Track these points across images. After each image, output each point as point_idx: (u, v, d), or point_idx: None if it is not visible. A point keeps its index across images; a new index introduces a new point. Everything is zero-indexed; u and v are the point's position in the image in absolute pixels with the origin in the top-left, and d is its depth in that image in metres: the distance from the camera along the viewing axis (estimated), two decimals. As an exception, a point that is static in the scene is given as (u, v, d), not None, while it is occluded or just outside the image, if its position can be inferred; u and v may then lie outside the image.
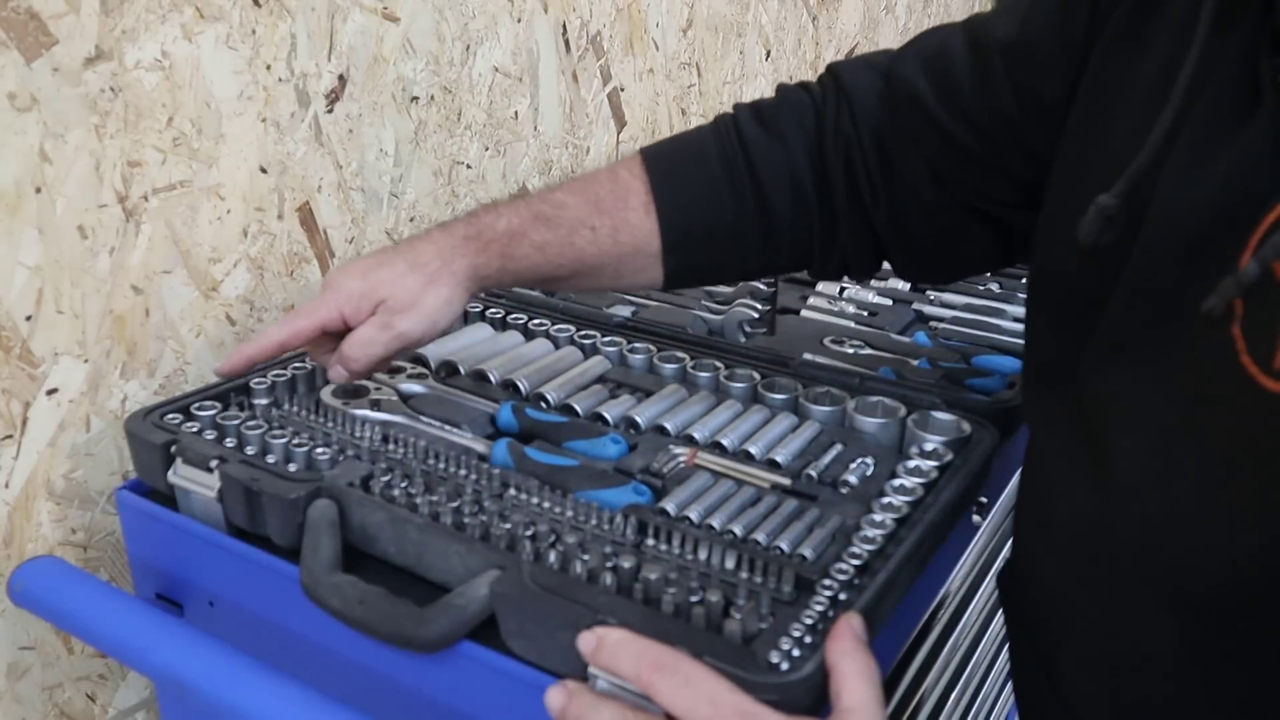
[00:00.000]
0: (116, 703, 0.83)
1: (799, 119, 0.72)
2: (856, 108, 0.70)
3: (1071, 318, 0.56)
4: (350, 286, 0.70)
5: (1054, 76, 0.60)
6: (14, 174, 0.68)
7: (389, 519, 0.62)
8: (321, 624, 0.59)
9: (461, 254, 0.70)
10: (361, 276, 0.70)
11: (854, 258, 0.74)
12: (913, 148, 0.69)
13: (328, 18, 0.88)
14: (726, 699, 0.46)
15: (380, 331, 0.69)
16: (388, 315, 0.69)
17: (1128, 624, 0.54)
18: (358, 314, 0.69)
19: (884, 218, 0.71)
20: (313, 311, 0.70)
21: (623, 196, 0.73)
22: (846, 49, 1.82)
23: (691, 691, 0.47)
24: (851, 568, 0.58)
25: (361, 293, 0.69)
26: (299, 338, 0.70)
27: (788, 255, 0.75)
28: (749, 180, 0.72)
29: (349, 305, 0.69)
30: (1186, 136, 0.49)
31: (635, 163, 0.74)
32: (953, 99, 0.66)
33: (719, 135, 0.74)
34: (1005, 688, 1.14)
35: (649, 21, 1.29)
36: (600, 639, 0.50)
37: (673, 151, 0.75)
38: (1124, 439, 0.51)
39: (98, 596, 0.67)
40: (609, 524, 0.61)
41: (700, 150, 0.74)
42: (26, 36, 0.67)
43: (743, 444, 0.72)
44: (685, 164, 0.74)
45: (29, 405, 0.72)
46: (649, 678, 0.47)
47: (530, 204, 0.73)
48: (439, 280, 0.69)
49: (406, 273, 0.69)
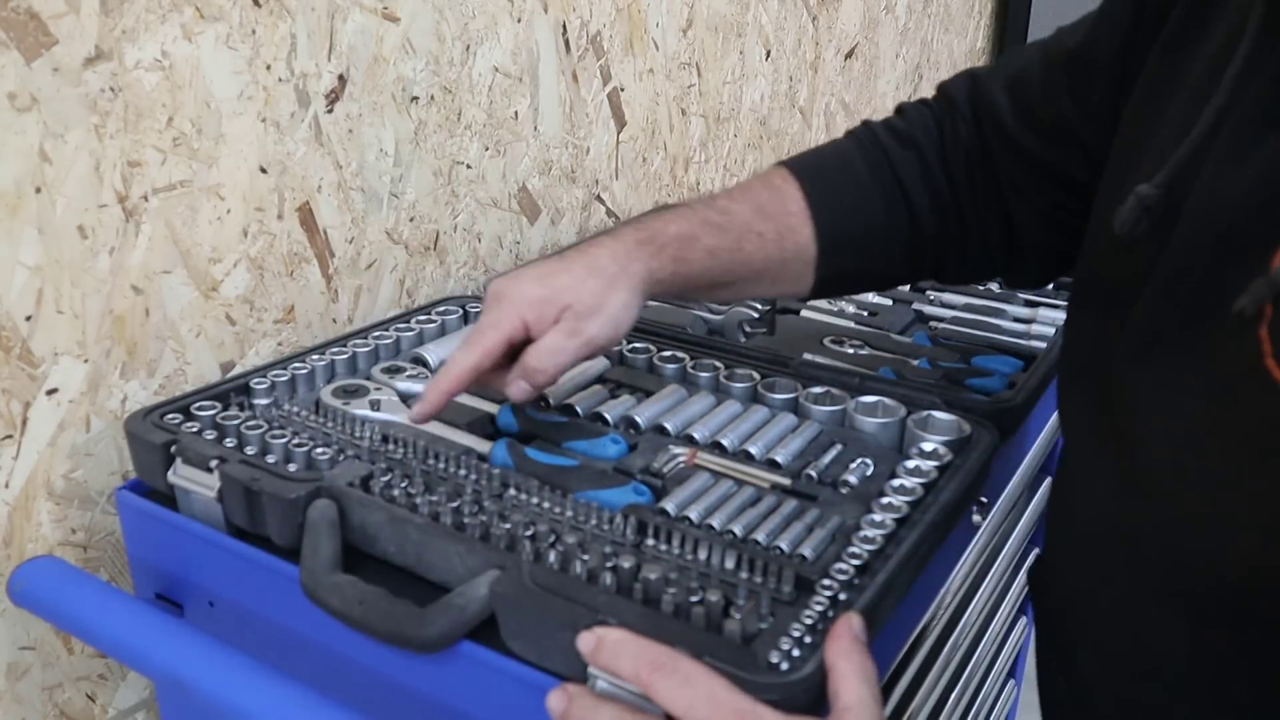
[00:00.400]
0: (116, 703, 0.83)
1: (925, 130, 0.74)
2: (962, 120, 0.73)
3: (1107, 313, 0.56)
4: (529, 293, 0.66)
5: (1113, 80, 0.62)
6: (14, 174, 0.68)
7: (389, 519, 0.62)
8: (321, 624, 0.59)
9: (636, 258, 0.68)
10: (539, 283, 0.67)
11: (978, 262, 0.77)
12: (993, 161, 0.72)
13: (328, 18, 0.88)
14: (725, 698, 0.46)
15: (569, 338, 0.66)
16: (575, 321, 0.66)
17: (1142, 628, 0.54)
18: (541, 321, 0.66)
19: (995, 223, 0.74)
20: (496, 324, 0.66)
21: (782, 202, 0.73)
22: (846, 49, 1.82)
23: (690, 691, 0.47)
24: (851, 568, 0.58)
25: (543, 299, 0.66)
26: (490, 355, 0.66)
27: (930, 261, 0.77)
28: (896, 187, 0.74)
29: (531, 313, 0.66)
30: (1228, 133, 0.49)
31: (781, 171, 0.75)
32: (1026, 112, 0.69)
33: (861, 145, 0.75)
34: (1005, 687, 1.14)
35: (649, 21, 1.29)
36: (599, 639, 0.50)
37: (818, 161, 0.76)
38: (1149, 437, 0.51)
39: (98, 596, 0.67)
40: (609, 524, 0.61)
41: (845, 159, 0.75)
42: (26, 36, 0.67)
43: (743, 444, 0.72)
44: (834, 172, 0.75)
45: (29, 405, 0.72)
46: (648, 677, 0.47)
47: (696, 210, 0.72)
48: (618, 284, 0.67)
49: (586, 277, 0.66)
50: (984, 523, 0.81)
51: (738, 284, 0.73)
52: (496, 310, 0.67)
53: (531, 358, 0.66)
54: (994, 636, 0.99)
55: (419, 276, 1.03)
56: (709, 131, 1.48)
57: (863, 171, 0.74)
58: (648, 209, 1.32)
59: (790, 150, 1.71)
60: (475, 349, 0.66)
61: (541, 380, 0.67)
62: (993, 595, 0.93)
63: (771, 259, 0.72)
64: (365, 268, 0.97)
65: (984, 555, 0.86)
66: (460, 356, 0.66)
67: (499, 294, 0.67)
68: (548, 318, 0.66)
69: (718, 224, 0.71)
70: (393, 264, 1.00)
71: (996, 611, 0.99)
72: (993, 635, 0.99)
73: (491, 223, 1.11)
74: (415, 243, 1.02)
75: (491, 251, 1.12)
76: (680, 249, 0.70)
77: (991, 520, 0.85)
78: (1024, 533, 1.01)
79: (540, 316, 0.66)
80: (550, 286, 0.66)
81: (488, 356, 0.66)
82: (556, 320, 0.66)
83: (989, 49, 2.50)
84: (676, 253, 0.70)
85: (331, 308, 0.94)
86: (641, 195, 1.35)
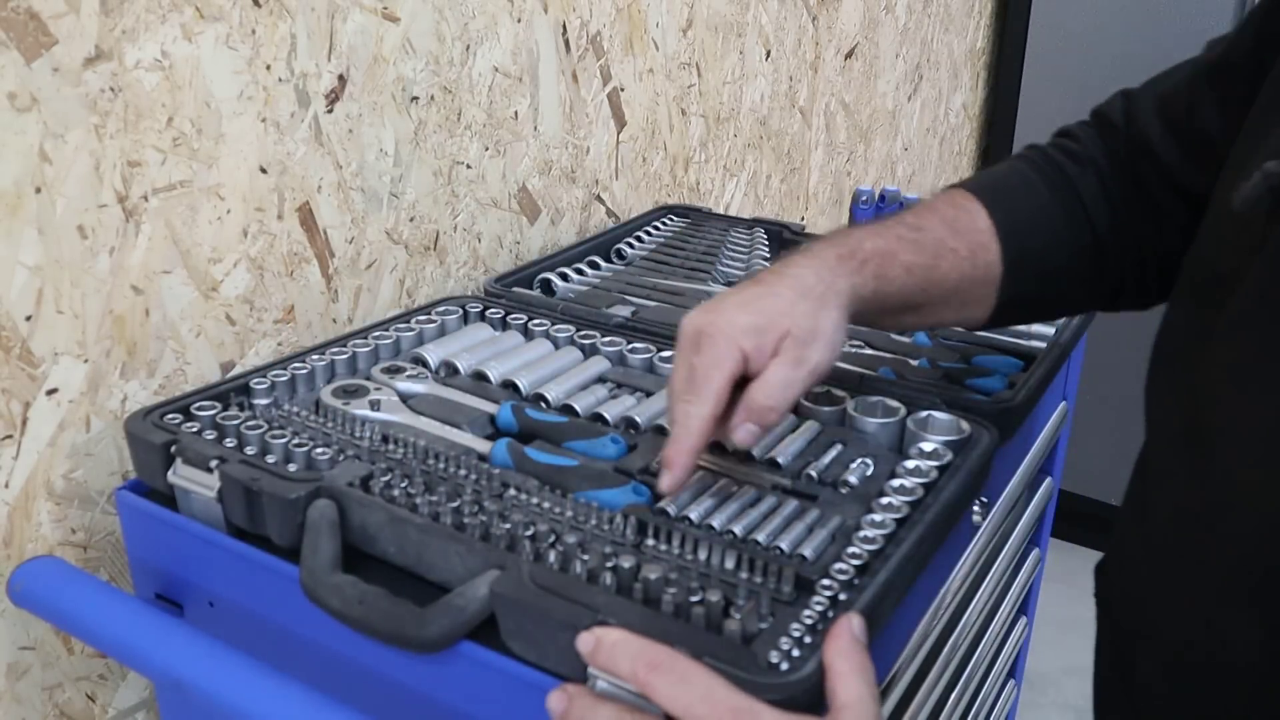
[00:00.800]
0: (116, 703, 0.83)
1: (1097, 150, 0.73)
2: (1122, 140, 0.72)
3: (1208, 299, 0.55)
4: (741, 322, 0.61)
5: (1249, 79, 0.60)
6: (14, 174, 0.68)
7: (389, 519, 0.62)
8: (321, 624, 0.59)
9: (840, 274, 0.65)
10: (747, 310, 0.62)
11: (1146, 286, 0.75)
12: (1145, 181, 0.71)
13: (328, 18, 0.88)
14: (723, 696, 0.46)
15: (795, 369, 0.60)
16: (798, 349, 0.61)
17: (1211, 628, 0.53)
18: (760, 352, 0.61)
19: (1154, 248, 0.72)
20: (717, 363, 0.60)
21: (971, 218, 0.71)
22: (846, 49, 1.82)
23: (688, 690, 0.47)
24: (851, 568, 0.58)
25: (758, 327, 0.61)
26: (722, 401, 0.60)
27: (1107, 284, 0.75)
28: (1077, 204, 0.72)
29: (749, 342, 0.60)
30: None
31: (960, 191, 0.73)
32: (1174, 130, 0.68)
33: (1036, 165, 0.74)
34: (1005, 687, 1.14)
35: (649, 21, 1.29)
36: (598, 639, 0.50)
37: (996, 180, 0.74)
38: (1235, 427, 0.50)
39: (98, 596, 0.67)
40: (609, 524, 0.61)
41: (1024, 178, 0.73)
42: (26, 36, 0.67)
43: (743, 444, 0.72)
44: (1015, 190, 0.73)
45: (29, 405, 0.72)
46: (645, 677, 0.47)
47: (889, 226, 0.69)
48: (828, 303, 0.63)
49: (797, 300, 0.62)
50: (984, 523, 0.81)
51: (928, 307, 0.70)
52: (711, 349, 0.60)
53: (760, 395, 0.60)
54: (994, 636, 0.99)
55: (419, 276, 1.03)
56: (709, 131, 1.48)
57: (1042, 190, 0.72)
58: (648, 209, 1.32)
59: (790, 150, 1.71)
60: (706, 398, 0.59)
61: (773, 420, 0.61)
62: (993, 595, 0.93)
63: (965, 277, 0.69)
64: (365, 268, 0.97)
65: (984, 555, 0.86)
66: (693, 410, 0.60)
67: (704, 330, 0.61)
68: (767, 348, 0.61)
69: (913, 240, 0.68)
70: (393, 264, 1.00)
71: (996, 611, 0.99)
72: (993, 635, 0.99)
73: (491, 223, 1.11)
74: (415, 243, 1.02)
75: (491, 251, 1.12)
76: (881, 265, 0.66)
77: (991, 520, 0.85)
78: (1024, 533, 1.01)
79: (759, 347, 0.60)
80: (763, 313, 0.61)
81: (720, 403, 0.60)
82: (776, 350, 0.61)
83: (989, 49, 2.50)
84: (877, 269, 0.66)
85: (331, 308, 0.94)
86: (641, 195, 1.35)
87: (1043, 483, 1.07)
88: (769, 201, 1.69)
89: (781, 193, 1.72)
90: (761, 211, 1.67)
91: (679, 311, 0.99)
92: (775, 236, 1.19)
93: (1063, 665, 2.14)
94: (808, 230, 1.21)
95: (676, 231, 1.22)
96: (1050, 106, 2.35)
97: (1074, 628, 2.24)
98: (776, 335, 0.61)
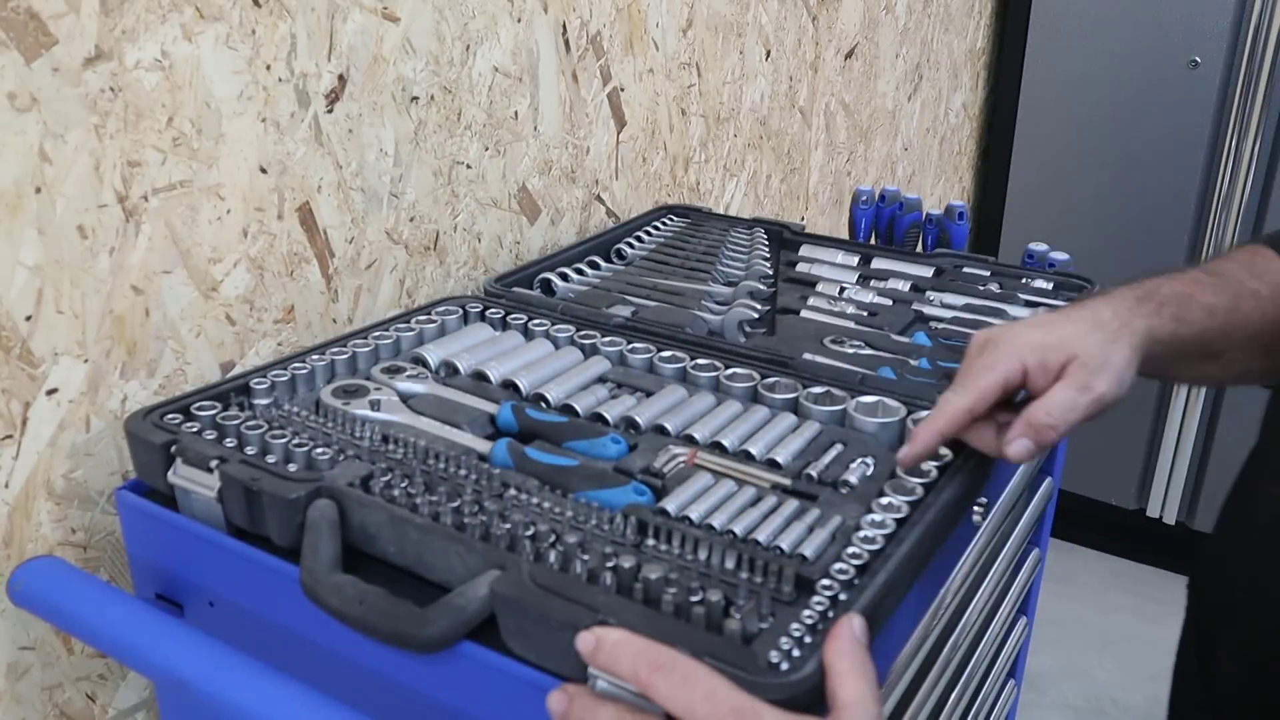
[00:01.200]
0: (116, 703, 0.83)
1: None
2: None
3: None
4: (1030, 338, 0.63)
5: None
6: (14, 174, 0.68)
7: (389, 519, 0.62)
8: (321, 624, 0.59)
9: (1138, 315, 0.66)
10: (1041, 329, 0.64)
11: None
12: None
13: (328, 18, 0.88)
14: (724, 696, 0.46)
15: (1081, 394, 0.62)
16: (1085, 375, 0.62)
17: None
18: (1043, 371, 0.63)
19: None
20: (993, 366, 0.63)
21: (1266, 263, 0.70)
22: (846, 49, 1.82)
23: (689, 689, 0.47)
24: (851, 567, 0.58)
25: (1047, 345, 0.63)
26: (985, 400, 0.63)
27: None
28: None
29: (1033, 358, 0.62)
30: None
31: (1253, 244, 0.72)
32: None
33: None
34: (1005, 687, 1.14)
35: (649, 21, 1.29)
36: (599, 639, 0.50)
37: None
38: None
39: (98, 596, 0.67)
40: (609, 524, 0.61)
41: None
42: (26, 36, 0.67)
43: (743, 444, 0.72)
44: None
45: (29, 405, 0.72)
46: (647, 677, 0.47)
47: (1185, 270, 0.70)
48: (1121, 339, 0.64)
49: (1091, 329, 0.64)
50: (984, 523, 0.81)
51: (1230, 352, 0.70)
52: (992, 353, 0.63)
53: (1041, 413, 0.61)
54: (994, 636, 0.99)
55: (419, 276, 1.03)
56: (709, 131, 1.48)
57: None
58: (648, 209, 1.32)
59: (790, 150, 1.71)
60: (970, 390, 0.62)
61: (1051, 439, 0.62)
62: (992, 595, 0.93)
63: (1269, 320, 0.69)
64: (365, 268, 0.97)
65: (984, 555, 0.86)
66: (954, 398, 0.63)
67: (992, 338, 0.64)
68: (1051, 367, 0.62)
69: (1211, 282, 0.68)
70: (393, 264, 1.00)
71: (996, 611, 0.99)
72: (993, 635, 0.99)
73: (491, 223, 1.11)
74: (415, 243, 1.02)
75: (491, 251, 1.12)
76: (1179, 308, 0.67)
77: (991, 520, 0.85)
78: (1024, 533, 1.01)
79: (1043, 364, 0.62)
80: (1053, 334, 0.63)
81: (983, 401, 0.62)
82: (1060, 372, 0.62)
83: (989, 49, 2.50)
84: (1176, 312, 0.67)
85: (331, 308, 0.94)
86: (641, 195, 1.35)
87: (1043, 483, 1.07)
88: (769, 201, 1.69)
89: (781, 193, 1.72)
90: (761, 211, 1.67)
91: (679, 312, 0.99)
92: (775, 236, 1.19)
93: (1063, 665, 2.14)
94: (808, 230, 1.21)
95: (676, 231, 1.22)
96: (1050, 106, 2.35)
97: (1074, 628, 2.25)
98: (1063, 357, 0.62)
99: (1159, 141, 2.23)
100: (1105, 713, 2.05)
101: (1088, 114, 2.31)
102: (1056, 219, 2.39)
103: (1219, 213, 2.17)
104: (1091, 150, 2.33)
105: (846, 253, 1.14)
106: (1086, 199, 2.36)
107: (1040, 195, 2.42)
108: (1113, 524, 2.44)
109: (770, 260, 1.11)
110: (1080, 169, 2.35)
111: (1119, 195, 2.31)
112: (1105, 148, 2.31)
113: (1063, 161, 2.37)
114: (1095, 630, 2.25)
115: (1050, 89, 2.35)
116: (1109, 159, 2.31)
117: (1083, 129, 2.33)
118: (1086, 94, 2.30)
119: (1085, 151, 2.34)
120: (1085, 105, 2.31)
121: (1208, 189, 2.20)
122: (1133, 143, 2.27)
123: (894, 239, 1.33)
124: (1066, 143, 2.35)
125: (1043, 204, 2.42)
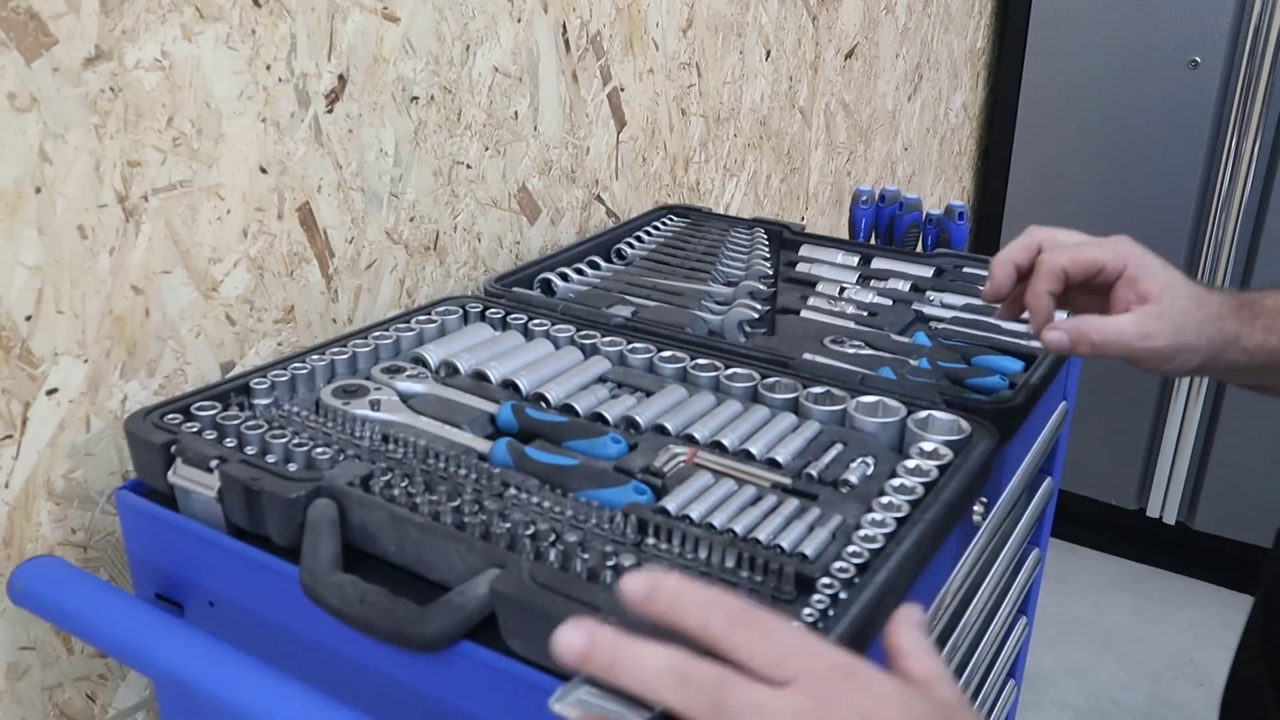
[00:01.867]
0: (116, 703, 0.83)
1: None
2: None
3: None
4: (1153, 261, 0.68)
5: None
6: (14, 174, 0.68)
7: (389, 518, 0.62)
8: (321, 624, 0.59)
9: (1234, 319, 0.70)
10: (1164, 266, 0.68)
11: None
12: None
13: (328, 18, 0.88)
14: (821, 652, 0.40)
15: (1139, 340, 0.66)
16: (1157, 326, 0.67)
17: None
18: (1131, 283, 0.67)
19: None
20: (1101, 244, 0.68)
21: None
22: (846, 49, 1.82)
23: (777, 645, 0.40)
24: (852, 567, 0.58)
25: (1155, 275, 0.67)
26: (1079, 265, 0.68)
27: None
28: None
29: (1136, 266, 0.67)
30: None
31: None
32: None
33: None
34: (1005, 687, 1.14)
35: (649, 21, 1.29)
36: (654, 583, 0.42)
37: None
38: None
39: (98, 596, 0.67)
40: (609, 523, 0.61)
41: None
42: (26, 36, 0.67)
43: (743, 443, 0.72)
44: None
45: (29, 405, 0.72)
46: (725, 632, 0.40)
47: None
48: (1206, 331, 0.68)
49: (1190, 299, 0.68)
50: (984, 522, 0.81)
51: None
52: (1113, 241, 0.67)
53: (1095, 329, 0.66)
54: (994, 636, 0.99)
55: (419, 276, 1.03)
56: (709, 131, 1.48)
57: None
58: (648, 209, 1.32)
59: (790, 150, 1.71)
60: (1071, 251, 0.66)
61: (1085, 353, 0.67)
62: (993, 595, 0.93)
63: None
64: (365, 268, 0.97)
65: (984, 555, 0.86)
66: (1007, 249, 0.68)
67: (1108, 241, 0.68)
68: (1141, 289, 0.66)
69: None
70: (393, 264, 1.00)
71: (996, 611, 0.99)
72: (993, 635, 0.99)
73: (491, 223, 1.11)
74: (415, 243, 1.02)
75: (491, 251, 1.12)
76: (1272, 320, 0.71)
77: (991, 520, 0.85)
78: (1024, 533, 1.01)
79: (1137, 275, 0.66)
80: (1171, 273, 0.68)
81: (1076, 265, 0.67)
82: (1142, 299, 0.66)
83: (989, 49, 2.50)
84: (1268, 324, 0.71)
85: (331, 308, 0.94)
86: (641, 195, 1.35)
87: (1043, 483, 1.07)
88: (769, 201, 1.69)
89: (781, 193, 1.72)
90: (761, 211, 1.67)
91: (679, 312, 0.99)
92: (775, 236, 1.19)
93: (1063, 665, 2.14)
94: (808, 230, 1.21)
95: (676, 231, 1.22)
96: (1050, 106, 2.35)
97: (1074, 628, 2.25)
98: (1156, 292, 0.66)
99: (1159, 141, 2.23)
100: (1105, 713, 2.05)
101: (1088, 114, 2.31)
102: (1056, 219, 2.38)
103: (1219, 213, 2.17)
104: (1091, 150, 2.33)
105: (846, 253, 1.14)
106: (1086, 199, 2.36)
107: (1040, 195, 2.42)
108: (1112, 524, 2.44)
109: (770, 260, 1.11)
110: (1080, 169, 2.35)
111: (1119, 195, 2.31)
112: (1105, 148, 2.31)
113: (1063, 161, 2.37)
114: (1095, 630, 2.25)
115: (1050, 89, 2.34)
116: (1109, 159, 2.31)
117: (1083, 129, 2.32)
118: (1086, 94, 2.30)
119: (1085, 151, 2.34)
120: (1085, 105, 2.31)
121: (1207, 189, 2.19)
122: (1132, 143, 2.27)
123: (894, 239, 1.33)
124: (1066, 143, 2.35)
125: (1043, 204, 2.42)
